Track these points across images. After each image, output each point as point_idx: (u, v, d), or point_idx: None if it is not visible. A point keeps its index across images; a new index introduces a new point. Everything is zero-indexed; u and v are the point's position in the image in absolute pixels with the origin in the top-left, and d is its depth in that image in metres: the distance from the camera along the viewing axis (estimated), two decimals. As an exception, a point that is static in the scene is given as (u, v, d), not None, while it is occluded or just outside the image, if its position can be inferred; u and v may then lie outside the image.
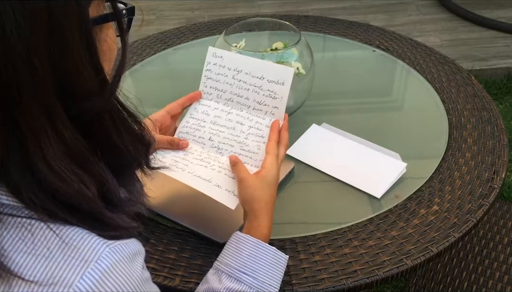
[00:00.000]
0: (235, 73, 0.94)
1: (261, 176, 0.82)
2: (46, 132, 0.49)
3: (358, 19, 2.35)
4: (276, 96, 0.91)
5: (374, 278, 0.83)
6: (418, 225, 0.92)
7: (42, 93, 0.48)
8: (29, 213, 0.50)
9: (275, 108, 0.91)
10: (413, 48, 1.44)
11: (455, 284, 1.17)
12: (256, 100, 0.93)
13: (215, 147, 0.91)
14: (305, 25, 1.55)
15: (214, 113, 0.95)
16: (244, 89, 0.94)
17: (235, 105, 0.94)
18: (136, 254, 0.54)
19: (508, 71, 2.63)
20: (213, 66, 0.96)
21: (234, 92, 0.94)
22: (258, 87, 0.93)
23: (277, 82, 0.91)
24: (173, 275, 0.85)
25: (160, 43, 1.49)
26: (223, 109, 0.95)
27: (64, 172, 0.50)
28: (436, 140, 1.12)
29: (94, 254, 0.50)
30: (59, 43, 0.48)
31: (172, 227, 0.93)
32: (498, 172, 1.02)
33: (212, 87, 0.96)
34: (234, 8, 3.19)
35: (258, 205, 0.80)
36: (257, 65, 0.93)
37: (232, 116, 0.94)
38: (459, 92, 1.26)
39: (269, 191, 0.82)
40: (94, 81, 0.52)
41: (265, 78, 0.92)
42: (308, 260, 0.86)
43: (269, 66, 0.93)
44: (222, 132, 0.92)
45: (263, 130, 0.91)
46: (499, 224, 1.31)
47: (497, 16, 2.96)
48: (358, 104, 1.26)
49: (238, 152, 0.89)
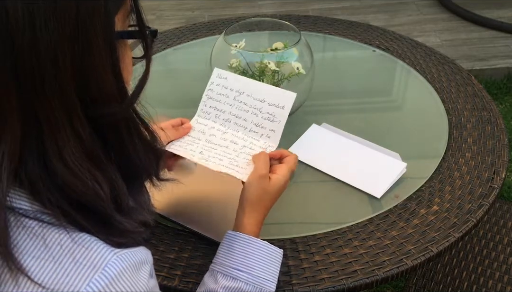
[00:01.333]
0: (237, 94, 0.96)
1: (272, 180, 0.82)
2: (64, 128, 0.50)
3: (358, 19, 2.35)
4: (274, 119, 0.92)
5: (374, 278, 0.83)
6: (418, 225, 0.92)
7: (63, 89, 0.49)
8: (42, 215, 0.51)
9: (272, 131, 0.92)
10: (413, 48, 1.44)
11: (455, 284, 1.17)
12: (254, 122, 0.94)
13: (204, 159, 0.90)
14: (305, 25, 1.55)
15: (210, 132, 0.95)
16: (243, 111, 0.95)
17: (232, 126, 0.95)
18: (143, 262, 0.54)
19: (508, 71, 2.63)
20: (216, 86, 0.97)
21: (233, 113, 0.95)
22: (258, 110, 0.94)
23: (277, 106, 0.92)
24: (173, 275, 0.85)
25: (160, 43, 1.49)
26: (219, 128, 0.95)
27: (78, 169, 0.51)
28: (436, 140, 1.12)
29: (102, 261, 0.50)
30: (84, 44, 0.49)
31: (172, 227, 0.93)
32: (498, 172, 1.02)
33: (212, 107, 0.97)
34: (234, 8, 3.19)
35: (258, 204, 0.81)
36: (260, 87, 0.95)
37: (227, 135, 0.94)
38: (459, 92, 1.26)
39: (270, 196, 0.82)
40: (114, 88, 0.53)
41: (266, 101, 0.93)
42: (308, 260, 0.86)
43: (271, 90, 0.94)
44: (214, 149, 0.92)
45: (256, 150, 0.90)
46: (499, 224, 1.31)
47: (497, 16, 2.96)
48: (358, 104, 1.26)
49: (225, 165, 0.88)
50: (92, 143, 0.52)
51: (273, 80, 1.09)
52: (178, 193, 0.96)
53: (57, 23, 0.47)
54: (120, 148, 0.57)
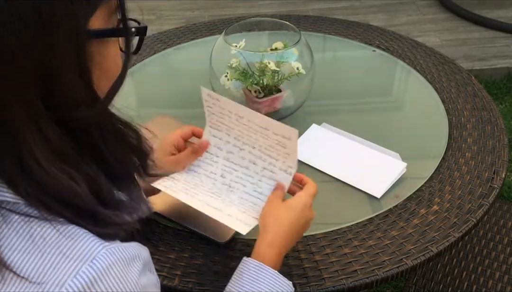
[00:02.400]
0: (237, 117, 0.86)
1: (289, 201, 0.80)
2: (30, 131, 0.49)
3: (358, 19, 2.34)
4: (286, 146, 0.83)
5: (374, 278, 0.83)
6: (418, 225, 0.92)
7: (24, 90, 0.47)
8: (28, 210, 0.50)
9: (287, 154, 0.84)
10: (413, 48, 1.44)
11: (455, 284, 1.17)
12: (266, 143, 0.85)
13: (226, 184, 0.87)
14: (305, 25, 1.55)
15: (226, 148, 0.89)
16: (251, 132, 0.86)
17: (246, 141, 0.87)
18: (134, 258, 0.53)
19: (508, 71, 2.63)
20: (213, 105, 0.88)
21: (241, 131, 0.87)
22: (265, 134, 0.84)
23: (283, 136, 0.83)
24: (173, 275, 0.85)
25: (160, 43, 1.49)
26: (235, 144, 0.89)
27: (50, 168, 0.50)
28: (436, 140, 1.12)
29: (90, 254, 0.49)
30: (45, 44, 0.47)
31: (172, 227, 0.93)
32: (498, 172, 1.02)
33: (219, 122, 0.89)
34: (234, 8, 3.19)
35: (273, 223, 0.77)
36: (258, 118, 0.83)
37: (245, 153, 0.88)
38: (459, 92, 1.26)
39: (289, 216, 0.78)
40: (81, 92, 0.51)
41: (270, 130, 0.84)
42: (308, 260, 0.86)
43: (272, 123, 0.83)
44: (235, 171, 0.88)
45: (276, 173, 0.86)
46: (499, 224, 1.31)
47: (497, 16, 2.95)
48: (358, 104, 1.26)
49: (250, 193, 0.85)
50: (62, 144, 0.51)
51: (273, 80, 1.09)
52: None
53: (16, 24, 0.45)
54: (95, 151, 0.55)
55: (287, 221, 0.78)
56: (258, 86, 1.10)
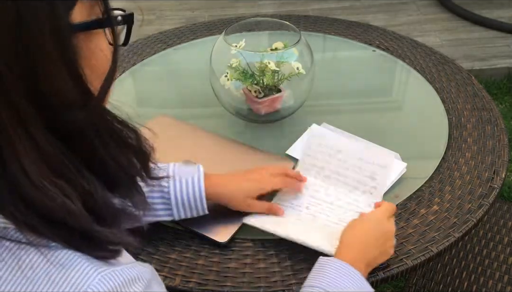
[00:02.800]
0: (335, 152, 0.98)
1: (364, 214, 0.85)
2: (20, 139, 0.45)
3: (358, 19, 2.34)
4: (375, 177, 0.94)
5: (374, 278, 0.83)
6: (418, 225, 0.92)
7: (10, 94, 0.44)
8: (18, 235, 0.46)
9: (374, 188, 0.94)
10: (413, 48, 1.44)
11: (455, 284, 1.17)
12: (355, 179, 0.95)
13: (311, 214, 0.92)
14: (305, 25, 1.55)
15: (312, 188, 0.96)
16: (343, 168, 0.96)
17: (334, 182, 0.96)
18: (134, 280, 0.49)
19: (508, 71, 2.63)
20: (313, 144, 1.01)
21: (332, 170, 0.97)
22: (358, 168, 0.95)
23: (378, 164, 0.94)
24: (173, 275, 0.85)
25: (160, 43, 1.49)
26: (321, 184, 0.97)
27: (43, 183, 0.45)
28: (436, 140, 1.12)
29: (84, 282, 0.45)
30: (27, 43, 0.44)
31: (172, 227, 0.93)
32: (498, 172, 1.02)
33: (310, 164, 0.99)
34: (234, 8, 3.19)
35: (349, 236, 0.81)
36: (359, 147, 0.98)
37: (331, 191, 0.96)
38: (459, 92, 1.26)
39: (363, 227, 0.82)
40: (72, 91, 0.47)
41: (366, 160, 0.95)
42: (308, 260, 0.86)
43: (372, 149, 0.96)
44: (319, 205, 0.94)
45: (361, 207, 0.92)
46: (499, 224, 1.31)
47: (497, 16, 2.96)
48: (358, 104, 1.26)
49: (335, 222, 0.90)
50: (54, 151, 0.47)
51: (273, 80, 1.09)
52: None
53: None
54: (92, 155, 0.51)
55: (362, 232, 0.81)
56: (258, 86, 1.10)
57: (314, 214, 0.91)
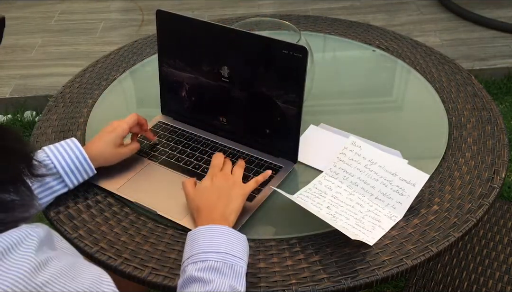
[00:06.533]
0: (369, 163, 1.00)
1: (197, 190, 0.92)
2: None
3: (358, 19, 2.35)
4: (403, 193, 0.95)
5: (374, 278, 0.83)
6: (418, 225, 0.92)
7: None
8: None
9: (399, 203, 0.94)
10: (413, 48, 1.44)
11: (455, 284, 1.17)
12: (381, 191, 0.96)
13: (331, 214, 0.93)
14: (305, 25, 1.55)
15: (336, 190, 0.99)
16: (372, 179, 0.98)
17: (359, 190, 0.98)
18: (13, 245, 0.50)
19: (508, 71, 2.63)
20: (349, 152, 1.03)
21: (361, 178, 0.99)
22: (388, 181, 0.97)
23: (408, 182, 0.96)
24: (173, 275, 0.85)
25: (160, 43, 1.48)
26: (346, 189, 0.99)
27: None
28: (436, 140, 1.12)
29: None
30: None
31: (172, 227, 0.93)
32: (498, 172, 1.02)
33: (341, 168, 1.02)
34: (234, 8, 3.19)
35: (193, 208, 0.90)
36: (393, 162, 0.99)
37: (353, 197, 0.97)
38: (459, 92, 1.26)
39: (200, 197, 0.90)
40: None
41: (398, 175, 0.97)
42: (307, 260, 0.86)
43: (405, 167, 0.98)
44: (340, 206, 0.95)
45: (380, 217, 0.93)
46: (499, 224, 1.31)
47: (497, 16, 2.96)
48: (358, 104, 1.26)
49: (352, 225, 0.91)
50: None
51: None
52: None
53: None
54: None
55: (201, 199, 0.89)
56: (258, 86, 1.10)
57: (334, 214, 0.93)
